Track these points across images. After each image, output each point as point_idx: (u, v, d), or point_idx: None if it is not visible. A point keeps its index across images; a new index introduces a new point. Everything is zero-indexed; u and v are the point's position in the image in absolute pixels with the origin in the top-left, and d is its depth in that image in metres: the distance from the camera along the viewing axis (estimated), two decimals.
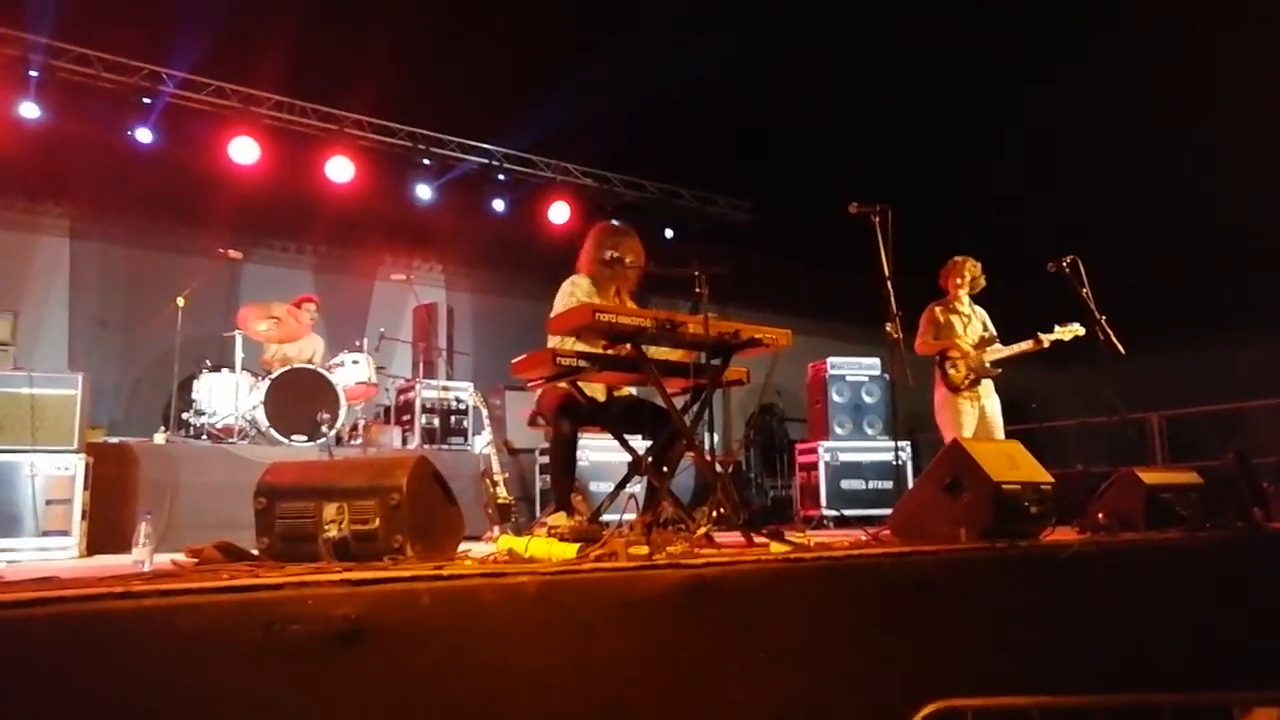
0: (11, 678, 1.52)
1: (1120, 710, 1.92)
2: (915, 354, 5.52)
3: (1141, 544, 3.39)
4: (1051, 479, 3.34)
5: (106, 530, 4.94)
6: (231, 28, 7.19)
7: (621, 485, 3.86)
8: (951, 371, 5.49)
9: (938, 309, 5.68)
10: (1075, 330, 5.32)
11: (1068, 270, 4.90)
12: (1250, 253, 8.77)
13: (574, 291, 4.00)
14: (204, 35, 7.42)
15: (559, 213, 9.70)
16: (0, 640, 1.54)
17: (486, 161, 9.46)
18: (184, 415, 6.19)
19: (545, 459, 6.86)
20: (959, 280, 5.61)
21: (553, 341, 3.75)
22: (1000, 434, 5.49)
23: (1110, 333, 4.81)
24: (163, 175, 7.98)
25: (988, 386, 5.56)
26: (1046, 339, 5.38)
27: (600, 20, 7.72)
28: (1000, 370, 5.53)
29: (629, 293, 4.18)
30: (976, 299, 5.73)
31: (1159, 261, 9.05)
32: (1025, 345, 5.42)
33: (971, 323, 5.64)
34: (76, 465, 4.81)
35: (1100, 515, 3.64)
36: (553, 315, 3.82)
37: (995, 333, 5.63)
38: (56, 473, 4.75)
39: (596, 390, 3.97)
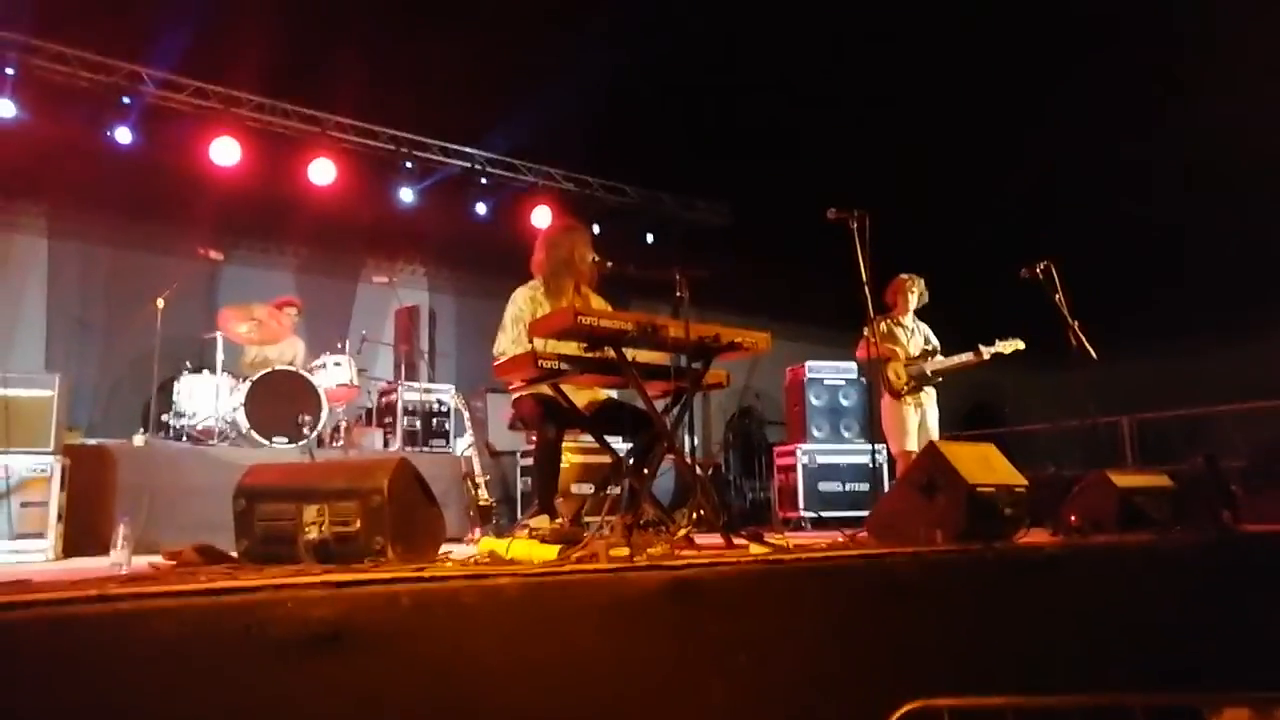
0: None
1: (1093, 710, 1.95)
2: (856, 358, 5.97)
3: (1113, 546, 3.44)
4: (1025, 481, 3.39)
5: (83, 533, 4.88)
6: (213, 28, 7.15)
7: (602, 487, 3.88)
8: (893, 377, 5.73)
9: (883, 321, 5.91)
10: (1016, 345, 5.59)
11: (1041, 276, 4.96)
12: (1220, 258, 8.90)
13: (514, 301, 4.10)
14: (185, 35, 7.36)
15: (541, 216, 9.70)
16: None
17: (469, 165, 9.45)
18: (163, 417, 6.14)
19: (526, 461, 6.86)
20: (904, 296, 5.91)
21: (536, 344, 3.79)
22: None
23: (1082, 337, 4.87)
24: (143, 175, 7.90)
25: (929, 396, 5.82)
26: (986, 351, 5.62)
27: (580, 25, 7.73)
28: (941, 379, 5.79)
29: (590, 286, 4.23)
30: (920, 314, 6.02)
31: (1129, 266, 9.17)
32: (966, 357, 5.69)
33: (914, 336, 5.92)
34: (53, 467, 4.75)
35: (1072, 517, 3.69)
36: (503, 323, 4.01)
37: (937, 345, 5.90)
38: (32, 474, 4.69)
39: (579, 394, 4.00)
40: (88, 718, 1.57)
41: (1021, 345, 5.60)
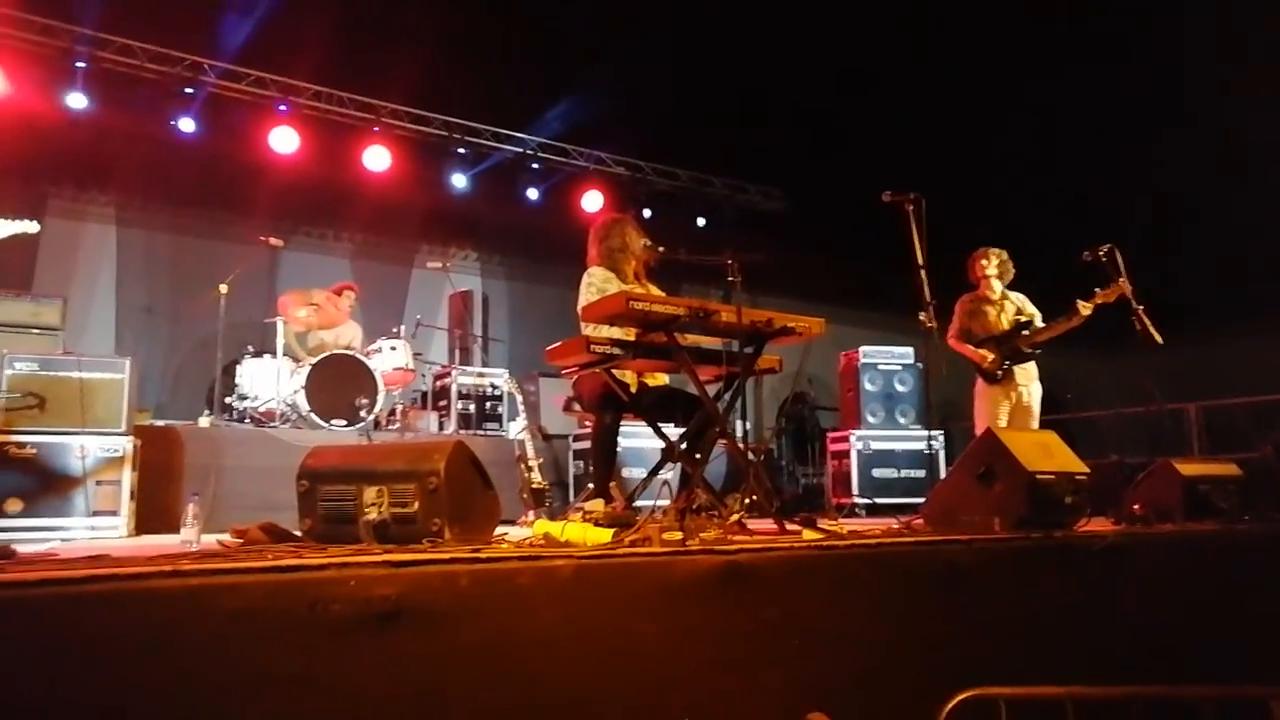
0: (66, 652, 1.57)
1: (1156, 703, 1.91)
2: (947, 342, 5.56)
3: (1178, 535, 3.36)
4: (1086, 469, 3.32)
5: (153, 511, 5.07)
6: (271, 19, 7.30)
7: (655, 471, 3.90)
8: (980, 359, 5.45)
9: (968, 300, 5.65)
10: (1120, 289, 4.93)
11: (1104, 260, 4.81)
12: None
13: (592, 282, 4.06)
14: (245, 26, 7.53)
15: (592, 201, 9.72)
16: (55, 616, 1.59)
17: (521, 150, 9.50)
18: (227, 399, 6.32)
19: (579, 444, 6.92)
20: (983, 266, 5.59)
21: (587, 329, 3.80)
22: (1035, 424, 5.42)
23: (1147, 322, 4.71)
24: (205, 164, 8.11)
25: (1028, 373, 5.47)
26: (1085, 307, 5.10)
27: (633, 8, 7.70)
28: (1040, 350, 5.42)
29: (645, 273, 4.25)
30: (1011, 286, 5.66)
31: (1198, 249, 8.86)
32: (1063, 319, 5.25)
33: (1004, 309, 5.57)
34: (125, 447, 4.93)
35: (1136, 506, 3.61)
36: (581, 306, 3.92)
37: (1034, 313, 5.53)
38: (105, 454, 4.87)
39: (627, 378, 4.01)
40: (161, 686, 1.64)
41: (1128, 287, 4.89)
